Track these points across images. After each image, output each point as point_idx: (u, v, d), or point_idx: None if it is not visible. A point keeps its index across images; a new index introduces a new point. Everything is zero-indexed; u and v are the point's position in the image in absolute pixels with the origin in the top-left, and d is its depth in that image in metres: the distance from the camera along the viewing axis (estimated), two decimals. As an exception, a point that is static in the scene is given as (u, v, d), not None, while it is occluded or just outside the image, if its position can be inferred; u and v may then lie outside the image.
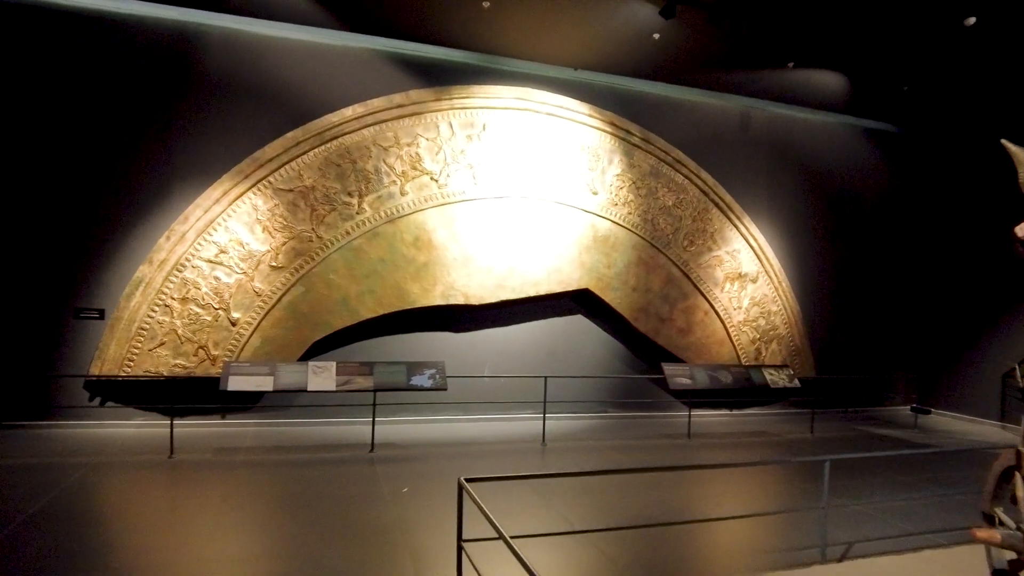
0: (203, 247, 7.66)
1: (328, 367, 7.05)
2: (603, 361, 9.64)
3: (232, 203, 7.79)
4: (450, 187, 8.56)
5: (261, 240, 7.85)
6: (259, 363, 7.01)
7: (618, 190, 9.40)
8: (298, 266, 7.98)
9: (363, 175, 8.23)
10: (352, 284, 8.17)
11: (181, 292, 7.55)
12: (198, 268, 7.62)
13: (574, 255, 9.15)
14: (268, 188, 7.91)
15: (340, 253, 8.13)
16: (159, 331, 7.48)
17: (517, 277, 8.86)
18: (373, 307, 8.27)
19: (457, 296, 8.59)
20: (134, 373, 7.34)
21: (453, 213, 8.57)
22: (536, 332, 9.27)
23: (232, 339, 7.73)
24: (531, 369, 9.16)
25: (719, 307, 10.04)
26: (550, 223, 9.02)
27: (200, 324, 7.62)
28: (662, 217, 9.70)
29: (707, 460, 7.52)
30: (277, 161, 7.95)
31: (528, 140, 8.95)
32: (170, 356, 7.52)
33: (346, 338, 8.35)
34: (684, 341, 9.86)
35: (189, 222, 7.63)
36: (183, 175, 7.77)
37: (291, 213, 7.98)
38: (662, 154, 9.73)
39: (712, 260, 10.05)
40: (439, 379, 7.34)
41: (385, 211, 8.29)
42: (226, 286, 7.71)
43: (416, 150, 8.44)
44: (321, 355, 8.26)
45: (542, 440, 7.83)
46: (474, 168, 8.67)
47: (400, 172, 8.37)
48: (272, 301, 7.87)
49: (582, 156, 9.22)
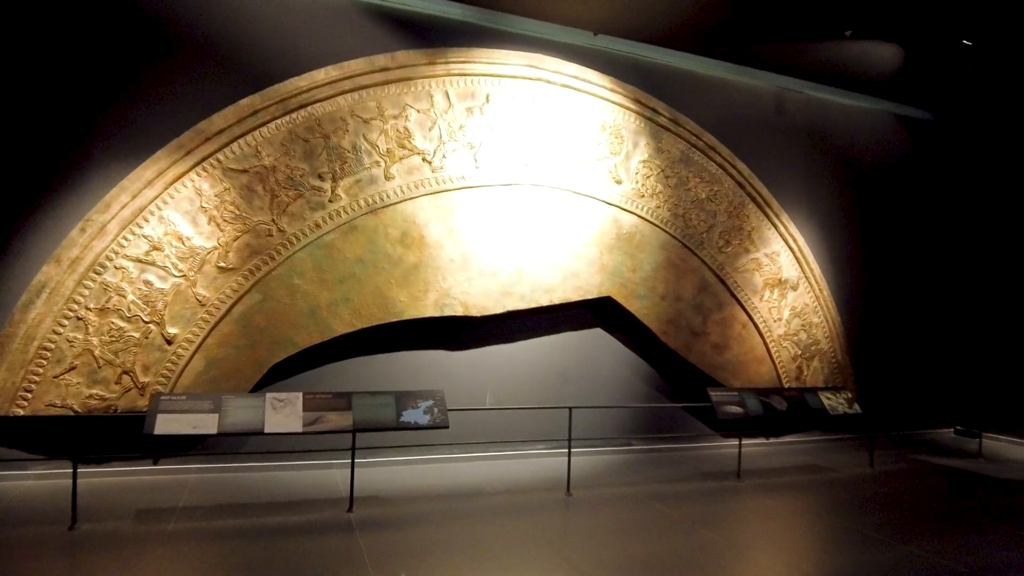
0: (130, 242, 5.91)
1: (292, 400, 5.35)
2: (625, 383, 8.08)
3: (169, 186, 6.06)
4: (446, 171, 6.94)
5: (207, 234, 6.14)
6: (199, 396, 5.28)
7: (644, 179, 7.88)
8: (254, 267, 6.27)
9: (337, 153, 6.57)
10: (322, 291, 6.49)
11: (100, 301, 5.79)
12: (123, 269, 5.88)
13: (594, 256, 7.59)
14: (216, 168, 6.20)
15: (308, 251, 6.44)
16: (69, 352, 5.70)
17: (527, 283, 7.26)
18: (349, 320, 6.59)
19: (454, 306, 6.96)
20: (33, 408, 5.55)
21: (450, 203, 6.94)
22: (547, 349, 7.67)
23: (167, 362, 5.98)
24: (540, 394, 7.56)
25: (758, 318, 8.57)
26: (566, 217, 7.45)
27: (125, 342, 5.86)
28: (694, 212, 8.21)
29: (777, 512, 5.99)
30: (228, 134, 6.25)
31: (540, 116, 7.39)
32: (83, 385, 5.74)
33: (314, 359, 6.65)
34: (720, 359, 8.35)
35: (111, 210, 5.88)
36: (104, 150, 6.02)
37: (245, 200, 6.28)
38: (693, 138, 8.25)
39: (750, 263, 8.58)
40: (438, 414, 5.68)
41: (366, 199, 6.63)
42: (160, 293, 5.97)
43: (404, 124, 6.81)
44: (282, 382, 6.54)
45: (566, 487, 6.21)
46: (476, 148, 7.07)
47: (384, 151, 6.73)
48: (220, 312, 6.14)
49: (603, 137, 7.68)
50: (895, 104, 10.10)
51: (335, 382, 6.71)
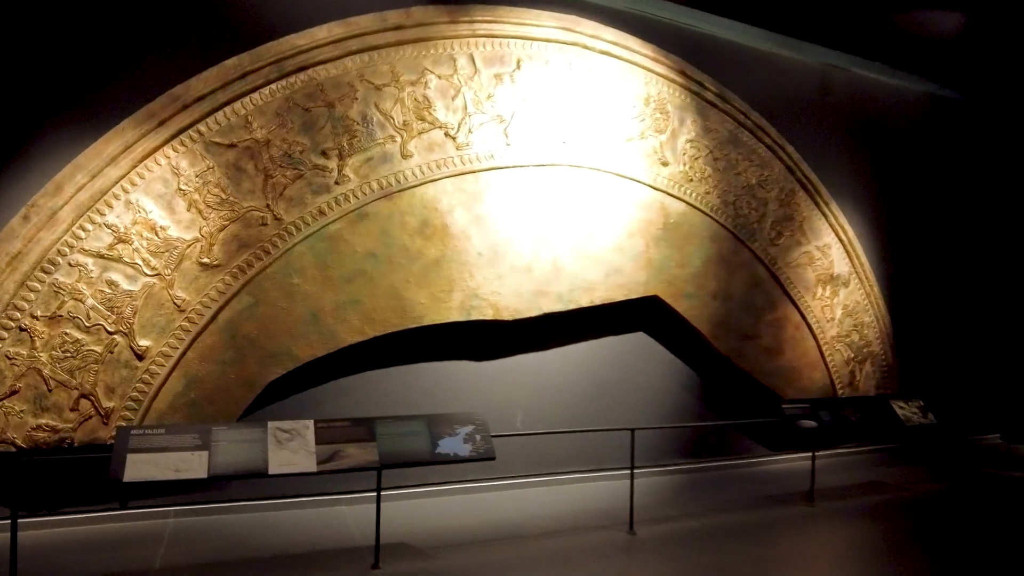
0: (89, 233, 4.72)
1: (301, 430, 4.21)
2: (670, 395, 7.09)
3: (138, 164, 4.88)
4: (473, 148, 5.86)
5: (186, 223, 4.97)
6: (181, 428, 4.11)
7: (692, 160, 6.90)
8: (244, 264, 5.12)
9: (344, 125, 5.45)
10: (327, 291, 5.36)
11: (49, 306, 4.59)
12: (80, 267, 4.68)
13: (639, 249, 6.57)
14: (196, 142, 5.04)
15: (309, 244, 5.31)
16: (8, 372, 4.49)
17: (564, 280, 6.21)
18: (359, 327, 5.47)
19: (482, 308, 5.88)
20: (-38, 444, 4.34)
21: (477, 186, 5.86)
22: (584, 357, 6.63)
23: (138, 381, 4.80)
24: (576, 409, 6.53)
25: (811, 319, 7.66)
26: (609, 203, 6.42)
27: (83, 358, 4.66)
28: (745, 199, 7.26)
29: (869, 546, 5.06)
30: (210, 101, 5.09)
31: (578, 86, 6.35)
32: (28, 413, 4.53)
33: (317, 375, 5.51)
34: (772, 364, 7.41)
35: (64, 193, 4.68)
36: (54, 119, 4.82)
37: (233, 181, 5.12)
38: (741, 116, 7.30)
39: (802, 257, 7.66)
40: (481, 442, 4.60)
41: (379, 181, 5.52)
42: (128, 296, 4.79)
43: (423, 92, 5.72)
44: (277, 404, 5.40)
45: (628, 523, 5.17)
46: (506, 122, 6.00)
47: (401, 123, 5.62)
48: (203, 320, 4.97)
49: (647, 113, 6.67)
50: (949, 89, 9.30)
51: (342, 403, 5.58)
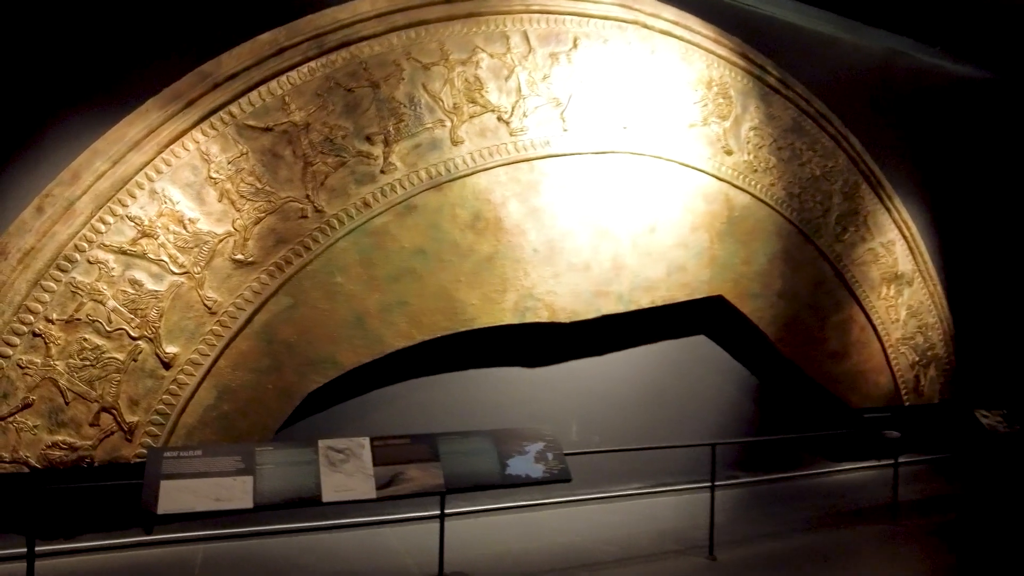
0: (109, 227, 4.20)
1: (356, 449, 3.69)
2: (731, 402, 6.58)
3: (164, 149, 4.35)
4: (528, 134, 5.34)
5: (217, 215, 4.45)
6: (220, 448, 3.58)
7: (757, 149, 6.38)
8: (281, 261, 4.59)
9: (390, 108, 4.92)
10: (371, 292, 4.83)
11: (66, 309, 4.07)
12: (100, 265, 4.16)
13: (703, 245, 6.05)
14: (229, 124, 4.52)
15: (353, 239, 4.78)
16: (20, 383, 3.97)
17: (625, 279, 5.68)
18: (406, 330, 4.94)
19: (538, 310, 5.35)
20: (-32, 465, 3.82)
21: (532, 176, 5.34)
22: (642, 363, 6.12)
23: (164, 393, 4.27)
24: (633, 418, 6.02)
25: (876, 320, 7.14)
26: (671, 194, 5.90)
27: (103, 367, 4.14)
28: (810, 192, 6.74)
29: None
30: (244, 80, 4.57)
31: (638, 67, 5.83)
32: (43, 429, 4.01)
33: (358, 383, 4.98)
34: (838, 369, 6.89)
35: (82, 182, 4.16)
36: (71, 100, 4.31)
37: (269, 169, 4.60)
38: (803, 103, 6.79)
39: (867, 255, 7.15)
40: (554, 461, 4.07)
41: (427, 169, 5.00)
42: (153, 297, 4.26)
43: (475, 72, 5.20)
44: (317, 416, 4.88)
45: (708, 547, 4.64)
46: (563, 106, 5.48)
47: (451, 106, 5.10)
48: (236, 323, 4.45)
49: (709, 97, 6.15)
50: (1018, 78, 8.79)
51: (387, 414, 5.07)
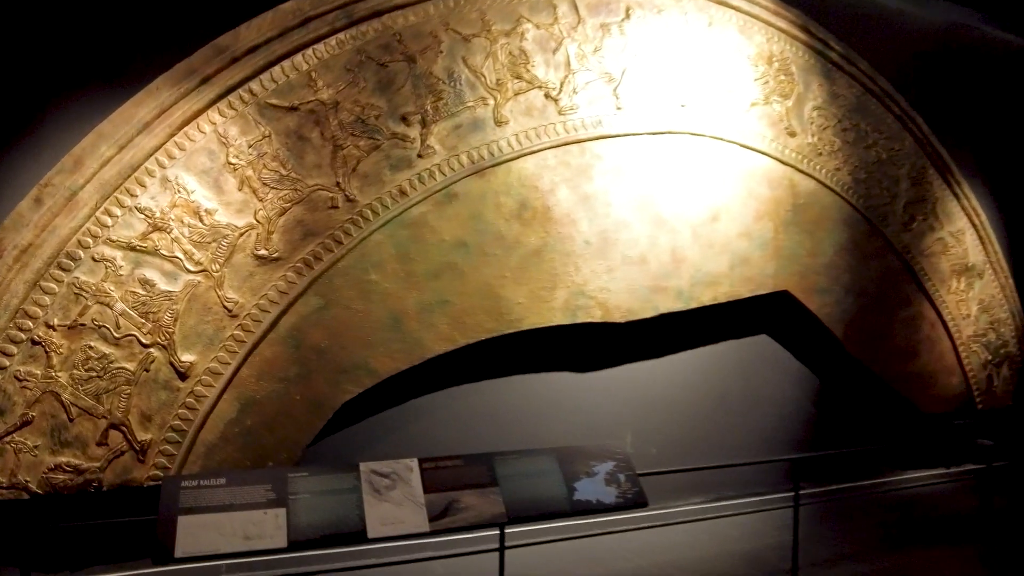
0: (116, 220, 3.71)
1: (403, 473, 3.17)
2: (794, 406, 6.04)
3: (177, 131, 3.85)
4: (578, 113, 4.81)
5: (237, 205, 3.94)
6: (246, 475, 3.08)
7: (821, 131, 5.82)
8: (310, 256, 4.08)
9: (428, 85, 4.41)
10: (409, 290, 4.32)
11: (69, 313, 3.59)
12: (107, 263, 3.67)
13: (767, 235, 5.50)
14: (249, 103, 4.01)
15: (388, 231, 4.27)
16: (19, 397, 3.49)
17: (685, 273, 5.15)
18: (447, 332, 4.42)
19: (590, 308, 4.82)
20: (-41, 493, 3.34)
21: (584, 159, 4.81)
22: (701, 366, 5.58)
23: (181, 407, 3.78)
24: (692, 426, 5.49)
25: (947, 315, 6.57)
26: (734, 179, 5.36)
27: (111, 378, 3.65)
28: (876, 177, 6.18)
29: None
30: (265, 53, 4.06)
31: (695, 40, 5.29)
32: (44, 449, 3.53)
33: (395, 392, 4.47)
34: (907, 369, 6.33)
35: (85, 169, 3.67)
36: (74, 77, 3.83)
37: (294, 153, 4.09)
38: (867, 81, 6.22)
39: (935, 245, 6.57)
40: (627, 484, 3.54)
41: (469, 153, 4.47)
42: (166, 298, 3.77)
43: (519, 44, 4.67)
44: (349, 429, 4.37)
45: (792, 572, 4.10)
46: (616, 82, 4.94)
47: (494, 82, 4.58)
48: (260, 327, 3.95)
49: (770, 74, 5.60)
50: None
51: (426, 426, 4.56)
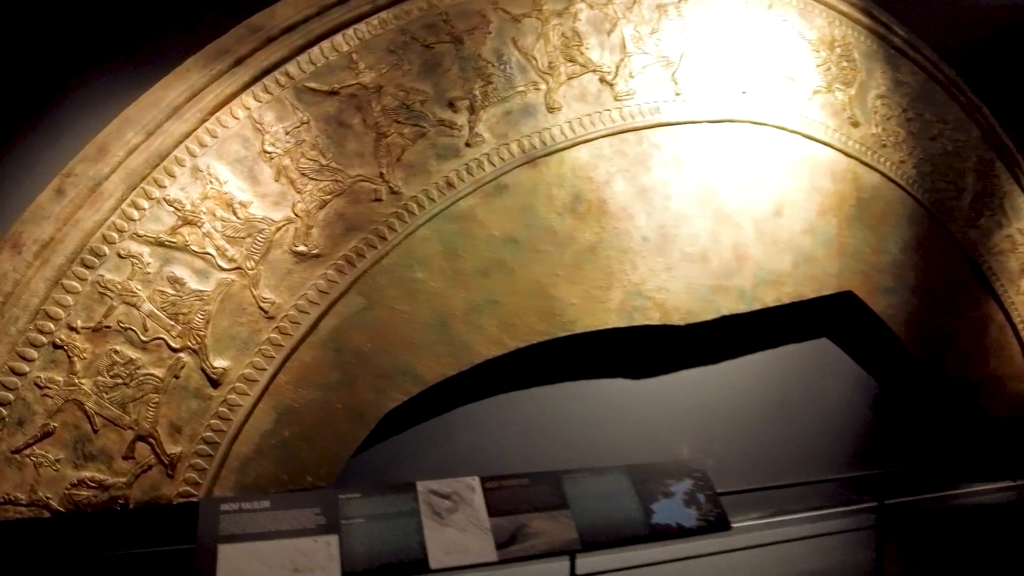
0: (144, 212, 3.40)
1: (464, 492, 2.84)
2: (856, 414, 5.66)
3: (209, 117, 3.55)
4: (635, 98, 4.47)
5: (273, 197, 3.63)
6: (292, 499, 2.78)
7: (885, 120, 5.46)
8: (352, 253, 3.77)
9: (476, 68, 4.08)
10: (457, 289, 3.99)
11: (93, 314, 3.28)
12: (133, 259, 3.37)
13: (831, 231, 5.14)
14: (286, 87, 3.70)
15: (435, 226, 3.94)
16: (39, 406, 3.18)
17: (748, 272, 4.79)
18: (496, 335, 4.08)
19: (647, 310, 4.47)
20: (-27, 512, 3.03)
21: (641, 148, 4.47)
22: (760, 371, 5.21)
23: (213, 417, 3.46)
24: (751, 436, 5.12)
25: (1016, 317, 6.17)
26: (797, 171, 5.00)
27: (138, 385, 3.34)
28: (941, 170, 5.80)
29: None
30: (303, 33, 3.76)
31: (755, 23, 4.95)
32: (66, 462, 3.22)
33: (439, 399, 4.14)
34: (975, 375, 5.94)
35: (111, 157, 3.37)
36: (97, 57, 3.55)
37: (334, 141, 3.78)
38: (931, 68, 5.85)
39: (1004, 242, 6.18)
40: (707, 505, 3.20)
41: (520, 142, 4.15)
42: (197, 298, 3.46)
43: (572, 25, 4.35)
44: (392, 440, 4.05)
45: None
46: (674, 66, 4.61)
47: (546, 66, 4.25)
48: (299, 330, 3.63)
49: (831, 60, 5.25)
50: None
51: (474, 436, 4.23)
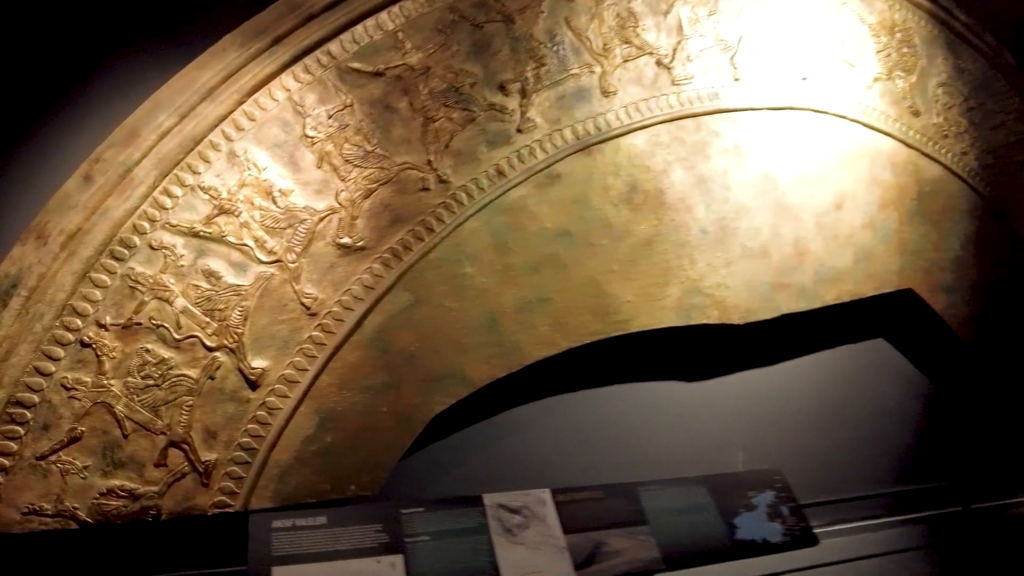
0: (177, 201, 3.16)
1: (535, 506, 2.59)
2: (916, 418, 5.36)
3: (246, 99, 3.30)
4: (693, 83, 4.20)
5: (316, 185, 3.38)
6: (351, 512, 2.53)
7: (946, 110, 5.18)
8: (399, 246, 3.51)
9: (528, 49, 3.83)
10: (507, 286, 3.73)
11: (123, 310, 3.04)
12: (166, 251, 3.12)
13: (892, 226, 4.86)
14: (328, 67, 3.46)
15: (484, 218, 3.68)
16: (66, 409, 2.94)
17: (808, 268, 4.51)
18: (547, 335, 3.82)
19: (705, 308, 4.20)
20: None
21: (700, 136, 4.20)
22: (815, 374, 4.93)
23: (251, 421, 3.21)
24: (807, 442, 4.82)
25: (1075, 319, 5.89)
26: (857, 162, 4.73)
27: (171, 387, 3.09)
28: (1003, 162, 5.52)
29: None
30: (345, 9, 3.50)
31: (812, 7, 4.69)
32: (94, 470, 2.97)
33: (485, 402, 3.88)
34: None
35: (141, 141, 3.12)
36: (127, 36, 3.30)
37: (380, 125, 3.52)
38: (992, 55, 5.58)
39: (1062, 239, 5.91)
40: (791, 518, 2.94)
41: (573, 128, 3.89)
42: (234, 293, 3.21)
43: (628, 5, 4.08)
44: (436, 445, 3.79)
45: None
46: (732, 50, 4.34)
47: (600, 47, 3.99)
48: (343, 328, 3.37)
49: (892, 46, 4.99)
50: None
51: (523, 443, 3.96)
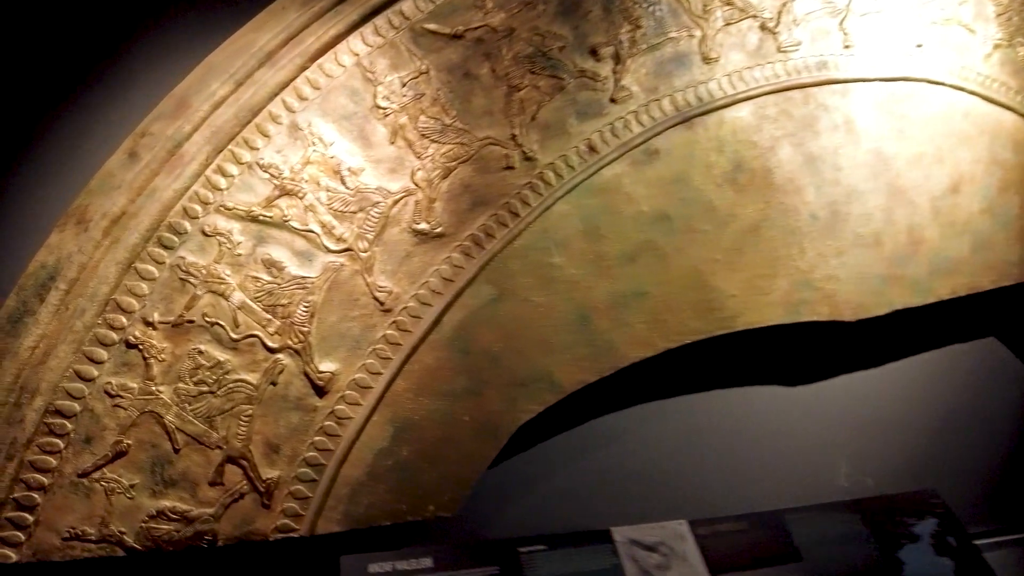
0: (232, 180, 2.75)
1: (674, 541, 2.13)
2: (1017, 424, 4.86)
3: (309, 64, 2.89)
4: (800, 51, 3.72)
5: (389, 163, 2.96)
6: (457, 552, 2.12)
7: (1065, 83, 4.68)
8: (480, 232, 3.07)
9: (622, 10, 3.37)
10: (599, 277, 3.27)
11: (173, 305, 2.63)
12: (221, 238, 2.71)
13: (1011, 212, 4.35)
14: (400, 29, 3.03)
15: (573, 201, 3.23)
16: (110, 419, 2.54)
17: (923, 258, 4.01)
18: (644, 334, 3.35)
19: (814, 303, 3.71)
20: (35, 547, 2.38)
21: (808, 109, 3.73)
22: (923, 376, 4.43)
23: (318, 433, 2.79)
24: (915, 451, 4.32)
25: None
26: (975, 140, 4.22)
27: (228, 394, 2.68)
28: (1124, 141, 5.01)
29: None
30: (419, -36, 3.09)
31: (925, -35, 4.20)
32: (142, 489, 2.57)
33: (575, 411, 3.44)
34: None
35: (192, 113, 2.71)
36: None
37: (459, 95, 3.09)
38: (1108, 22, 5.05)
39: None
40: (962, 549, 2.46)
41: (672, 98, 3.42)
42: (299, 287, 2.79)
43: (729, -39, 3.63)
44: (517, 458, 3.35)
45: None
46: (842, 14, 3.85)
47: (700, 9, 3.52)
48: (421, 325, 2.94)
49: (1013, 8, 4.47)
50: None
51: (614, 456, 3.52)
